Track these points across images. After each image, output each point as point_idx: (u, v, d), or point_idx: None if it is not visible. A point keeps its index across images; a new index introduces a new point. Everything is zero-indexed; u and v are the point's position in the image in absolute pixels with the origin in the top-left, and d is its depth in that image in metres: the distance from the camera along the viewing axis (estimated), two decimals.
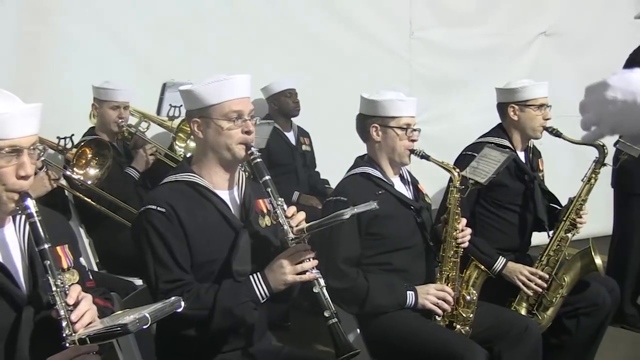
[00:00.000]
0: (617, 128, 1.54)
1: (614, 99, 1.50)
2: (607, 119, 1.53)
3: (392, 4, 5.86)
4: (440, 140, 5.56)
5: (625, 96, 1.49)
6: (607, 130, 1.55)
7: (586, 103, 1.58)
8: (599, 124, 1.56)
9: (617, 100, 1.49)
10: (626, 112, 1.49)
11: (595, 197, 3.85)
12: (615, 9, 6.59)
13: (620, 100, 1.49)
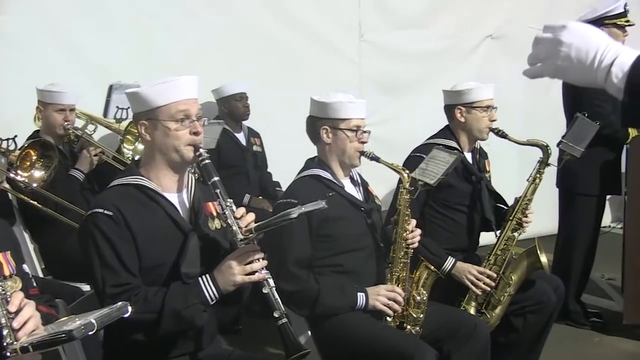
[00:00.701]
0: (559, 73, 1.55)
1: (569, 43, 1.51)
2: (554, 60, 1.53)
3: (342, 7, 5.88)
4: (389, 142, 5.59)
5: (578, 45, 1.49)
6: (549, 71, 1.56)
7: (542, 37, 1.58)
8: (545, 62, 1.56)
9: (572, 45, 1.50)
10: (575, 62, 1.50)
11: (540, 197, 3.92)
12: (558, 14, 6.72)
13: (574, 47, 1.50)
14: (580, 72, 1.49)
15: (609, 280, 5.56)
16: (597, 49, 1.46)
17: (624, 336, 4.54)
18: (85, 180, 4.38)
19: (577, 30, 1.50)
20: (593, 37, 1.49)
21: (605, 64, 1.45)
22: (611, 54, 1.45)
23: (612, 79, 1.43)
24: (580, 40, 1.49)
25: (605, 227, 5.84)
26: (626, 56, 1.43)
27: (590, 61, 1.47)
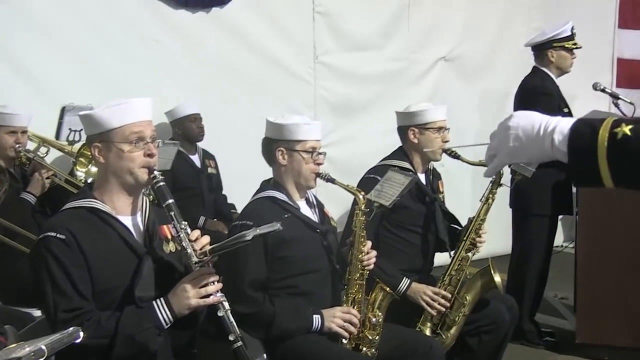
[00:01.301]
0: (514, 156, 1.66)
1: (516, 126, 1.62)
2: (505, 146, 1.64)
3: (296, 29, 5.91)
4: (344, 163, 5.63)
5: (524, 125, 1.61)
6: (505, 158, 1.67)
7: (493, 133, 1.71)
8: (499, 151, 1.67)
9: (519, 127, 1.62)
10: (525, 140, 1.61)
11: (494, 217, 3.97)
12: (508, 36, 6.86)
13: (521, 127, 1.62)
14: (531, 147, 1.61)
15: (561, 300, 5.64)
16: (540, 123, 1.59)
17: (577, 355, 4.60)
18: (37, 203, 4.30)
19: (521, 114, 1.64)
20: (535, 115, 1.62)
21: (549, 132, 1.57)
22: (552, 123, 1.57)
23: (556, 145, 1.54)
24: (525, 120, 1.62)
25: (558, 246, 5.92)
26: (565, 122, 1.56)
27: (536, 133, 1.59)
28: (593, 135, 1.48)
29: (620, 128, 1.45)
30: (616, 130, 1.46)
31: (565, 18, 5.27)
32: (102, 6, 5.03)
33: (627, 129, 1.44)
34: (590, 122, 1.54)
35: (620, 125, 1.46)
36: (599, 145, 1.46)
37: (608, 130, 1.47)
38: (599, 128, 1.48)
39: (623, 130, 1.44)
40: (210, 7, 5.48)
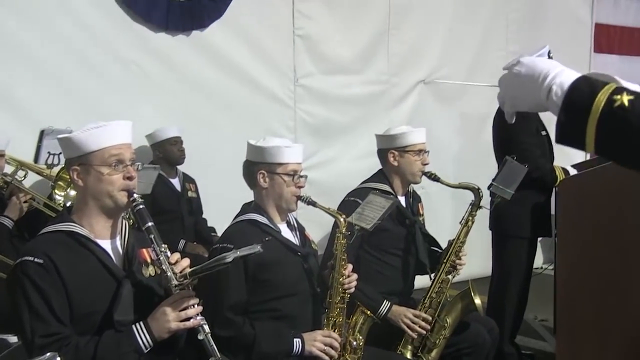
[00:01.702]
0: (514, 100, 1.63)
1: (518, 72, 1.58)
2: (509, 91, 1.63)
3: (277, 52, 5.94)
4: (324, 186, 5.64)
5: (528, 71, 1.57)
6: (509, 105, 1.65)
7: (501, 78, 1.67)
8: (504, 97, 1.65)
9: (521, 73, 1.58)
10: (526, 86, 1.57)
11: (473, 240, 3.99)
12: (486, 60, 6.93)
13: (523, 74, 1.57)
14: (529, 96, 1.57)
15: (541, 322, 5.65)
16: (541, 72, 1.54)
17: None
18: (14, 227, 4.26)
19: (527, 61, 1.59)
20: (541, 63, 1.57)
21: (548, 82, 1.52)
22: (553, 73, 1.52)
23: (552, 96, 1.50)
24: (528, 66, 1.58)
25: (537, 268, 5.94)
26: (566, 76, 1.51)
27: (536, 80, 1.54)
28: (591, 97, 1.44)
29: (620, 96, 1.42)
30: (615, 97, 1.42)
31: (542, 42, 5.35)
32: (81, 29, 5.03)
33: (627, 99, 1.41)
34: (592, 82, 1.50)
35: (621, 93, 1.43)
36: (594, 108, 1.43)
37: (607, 95, 1.43)
38: (598, 90, 1.45)
39: (622, 100, 1.41)
40: (190, 30, 5.50)
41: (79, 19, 5.03)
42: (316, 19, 6.08)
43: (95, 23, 5.10)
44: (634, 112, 1.39)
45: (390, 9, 6.45)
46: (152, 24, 5.32)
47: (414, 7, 6.58)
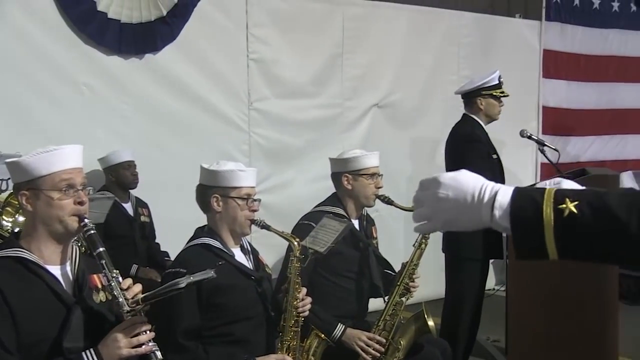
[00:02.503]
0: (449, 224, 1.59)
1: (446, 196, 1.55)
2: (440, 215, 1.58)
3: (231, 75, 5.94)
4: (278, 210, 5.64)
5: (456, 194, 1.54)
6: (439, 225, 1.60)
7: (420, 197, 1.62)
8: (432, 218, 1.60)
9: (449, 198, 1.55)
10: (459, 210, 1.55)
11: (427, 262, 4.02)
12: (439, 84, 7.03)
13: (452, 199, 1.55)
14: (467, 220, 1.55)
15: (494, 342, 5.70)
16: (473, 192, 1.53)
17: None
18: None
19: (450, 183, 1.56)
20: (466, 184, 1.55)
21: (486, 204, 1.51)
22: (487, 193, 1.52)
23: (496, 220, 1.49)
24: (457, 191, 1.55)
25: (490, 290, 6.02)
26: (502, 194, 1.50)
27: (470, 205, 1.53)
28: (537, 213, 1.44)
29: (566, 205, 1.43)
30: (561, 207, 1.43)
31: (493, 67, 5.45)
32: (31, 51, 4.98)
33: (572, 206, 1.42)
34: (530, 194, 1.49)
35: (564, 201, 1.44)
36: (545, 224, 1.43)
37: (552, 207, 1.44)
38: (541, 204, 1.45)
39: (569, 208, 1.42)
40: (142, 53, 5.47)
41: (29, 41, 4.97)
42: (270, 43, 6.10)
43: (45, 45, 5.04)
44: (585, 218, 1.41)
45: (344, 34, 6.51)
46: (104, 47, 5.28)
47: (367, 32, 6.65)
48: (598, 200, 1.43)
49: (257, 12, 6.00)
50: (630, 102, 8.18)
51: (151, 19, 5.42)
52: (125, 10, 5.30)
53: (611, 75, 8.08)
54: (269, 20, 6.08)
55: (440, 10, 7.22)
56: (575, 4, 7.86)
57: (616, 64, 8.11)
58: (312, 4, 6.37)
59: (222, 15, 5.85)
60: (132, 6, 5.33)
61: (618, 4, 8.12)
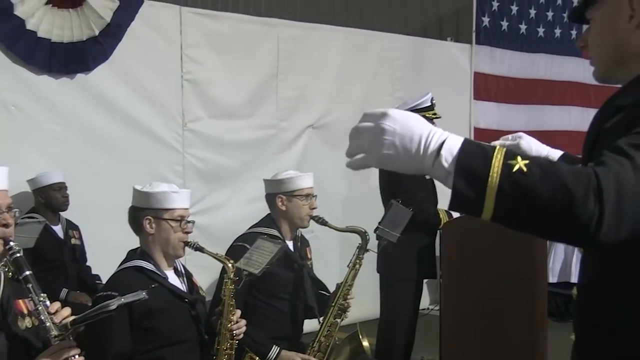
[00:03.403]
0: (385, 162, 1.48)
1: (392, 129, 1.46)
2: (379, 149, 1.47)
3: (165, 96, 5.89)
4: (213, 231, 5.60)
5: (403, 130, 1.46)
6: (375, 160, 1.49)
7: (361, 128, 1.51)
8: (369, 151, 1.49)
9: (396, 132, 1.46)
10: (402, 147, 1.46)
11: (361, 282, 4.04)
12: (373, 105, 7.05)
13: (398, 133, 1.45)
14: (406, 160, 1.46)
15: None
16: (421, 136, 1.45)
17: None
18: None
19: (400, 118, 1.47)
20: (415, 124, 1.47)
21: (432, 149, 1.43)
22: (436, 139, 1.44)
23: (441, 163, 1.42)
24: (404, 128, 1.46)
25: (424, 309, 6.07)
26: (453, 140, 1.44)
27: (416, 148, 1.45)
28: (485, 163, 1.38)
29: (516, 161, 1.37)
30: (511, 162, 1.38)
31: (426, 89, 5.55)
32: None
33: (523, 163, 1.37)
34: (482, 145, 1.44)
35: (515, 157, 1.38)
36: (491, 174, 1.37)
37: (502, 160, 1.38)
38: (492, 155, 1.39)
39: (519, 164, 1.37)
40: (74, 73, 5.39)
41: None
42: (205, 63, 6.08)
43: None
44: (534, 176, 1.36)
45: (279, 55, 6.54)
46: (34, 66, 5.19)
47: (302, 53, 6.69)
48: (549, 165, 1.40)
49: (192, 32, 5.98)
50: (557, 124, 8.43)
51: (83, 39, 5.35)
52: (55, 29, 5.22)
53: (538, 98, 8.32)
54: (203, 41, 6.06)
55: (374, 33, 7.32)
56: (504, 28, 8.07)
57: (543, 87, 8.36)
58: (247, 25, 6.39)
59: (156, 35, 5.81)
60: (63, 25, 5.25)
61: (543, 29, 8.39)
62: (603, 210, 1.35)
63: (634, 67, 1.68)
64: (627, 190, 1.37)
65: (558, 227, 1.39)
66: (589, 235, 1.37)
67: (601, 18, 1.72)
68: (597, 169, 1.38)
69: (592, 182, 1.36)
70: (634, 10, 1.66)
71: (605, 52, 1.73)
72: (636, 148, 1.42)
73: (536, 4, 8.33)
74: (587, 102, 8.58)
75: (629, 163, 1.39)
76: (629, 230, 1.39)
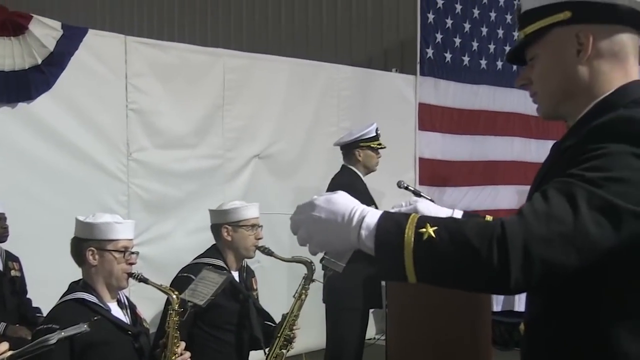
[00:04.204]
0: (324, 245, 1.64)
1: (319, 217, 1.60)
2: (315, 237, 1.63)
3: (109, 125, 5.83)
4: (158, 262, 5.53)
5: (328, 216, 1.60)
6: (316, 247, 1.65)
7: (297, 221, 1.67)
8: (309, 241, 1.65)
9: (322, 219, 1.60)
10: (331, 231, 1.60)
11: (307, 313, 4.04)
12: (319, 136, 7.15)
13: (324, 219, 1.60)
14: (339, 240, 1.61)
15: None
16: (344, 217, 1.59)
17: None
18: None
19: (324, 205, 1.62)
20: (338, 206, 1.61)
21: (354, 226, 1.57)
22: (356, 218, 1.57)
23: (362, 239, 1.55)
24: (329, 213, 1.61)
25: (370, 339, 6.09)
26: (371, 215, 1.56)
27: (342, 229, 1.59)
28: (399, 233, 1.50)
29: (426, 229, 1.49)
30: (421, 230, 1.49)
31: (371, 119, 5.62)
32: None
33: (432, 230, 1.48)
34: (396, 217, 1.56)
35: (425, 225, 1.50)
36: (406, 244, 1.49)
37: (414, 230, 1.50)
38: (405, 226, 1.51)
39: (428, 232, 1.48)
40: (16, 102, 5.30)
41: None
42: (150, 93, 6.05)
43: None
44: (443, 241, 1.47)
45: (225, 85, 6.55)
46: None
47: (248, 83, 6.71)
48: (455, 227, 1.50)
49: (137, 61, 5.95)
50: (500, 154, 8.59)
51: (25, 67, 5.27)
52: None
53: (482, 129, 8.46)
54: (149, 70, 6.04)
55: (320, 64, 7.40)
56: (447, 60, 8.23)
57: (486, 117, 8.52)
58: (192, 55, 6.39)
59: (101, 64, 5.76)
60: (4, 54, 5.17)
61: (486, 62, 8.57)
62: (509, 262, 1.43)
63: (582, 102, 1.71)
64: (535, 237, 1.44)
65: (472, 282, 1.51)
66: (500, 286, 1.48)
67: (546, 54, 1.74)
68: (507, 220, 1.47)
69: (495, 236, 1.45)
70: (581, 45, 1.68)
71: (553, 88, 1.75)
72: (559, 192, 1.48)
73: (478, 37, 8.52)
74: (528, 133, 8.78)
75: (546, 209, 1.46)
76: (542, 274, 1.45)
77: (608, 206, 1.45)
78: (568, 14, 1.68)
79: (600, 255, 1.47)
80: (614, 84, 1.69)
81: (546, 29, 1.71)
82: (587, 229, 1.43)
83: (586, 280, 1.54)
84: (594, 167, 1.49)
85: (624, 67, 1.70)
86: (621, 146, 1.50)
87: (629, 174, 1.47)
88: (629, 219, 1.46)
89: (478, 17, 8.50)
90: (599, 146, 1.52)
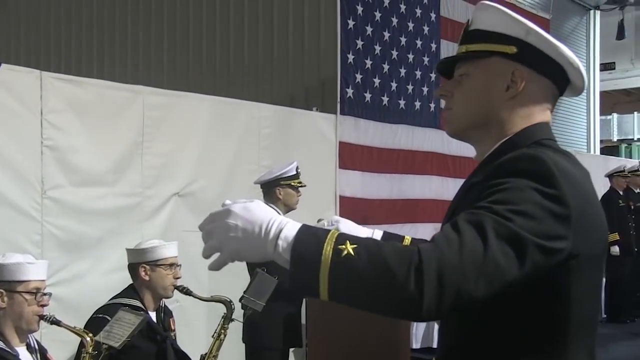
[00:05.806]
0: (237, 254, 1.61)
1: (235, 225, 1.58)
2: (228, 245, 1.60)
3: (22, 162, 5.65)
4: (73, 303, 5.36)
5: (245, 224, 1.58)
6: (228, 256, 1.62)
7: (209, 228, 1.64)
8: (221, 249, 1.62)
9: (238, 227, 1.58)
10: (246, 240, 1.58)
11: (227, 353, 3.99)
12: (240, 173, 7.13)
13: (240, 228, 1.58)
14: (253, 249, 1.58)
15: None
16: (261, 225, 1.57)
17: None
18: None
19: (240, 212, 1.59)
20: (256, 215, 1.59)
21: (271, 238, 1.55)
22: (275, 228, 1.56)
23: (279, 250, 1.54)
24: (245, 221, 1.58)
25: None
26: (289, 228, 1.56)
27: (258, 238, 1.57)
28: (318, 248, 1.50)
29: (345, 246, 1.48)
30: (340, 247, 1.49)
31: (292, 157, 5.64)
32: None
33: (351, 248, 1.48)
34: (315, 232, 1.55)
35: (345, 242, 1.49)
36: (323, 260, 1.48)
37: (332, 246, 1.49)
38: (324, 241, 1.50)
39: (348, 249, 1.48)
40: None
41: None
42: (67, 129, 5.91)
43: None
44: (361, 260, 1.47)
45: (145, 122, 6.46)
46: None
47: (169, 120, 6.64)
48: (374, 248, 1.50)
49: (53, 97, 5.81)
50: (418, 193, 8.73)
51: None
52: None
53: (400, 167, 8.60)
54: (65, 106, 5.90)
55: (241, 102, 7.40)
56: (367, 100, 8.36)
57: (404, 157, 8.67)
58: (111, 91, 6.29)
59: (14, 100, 5.60)
60: None
61: (404, 102, 8.75)
62: (423, 291, 1.45)
63: (492, 133, 1.78)
64: (448, 268, 1.47)
65: (385, 304, 1.51)
66: (411, 311, 1.48)
67: (479, 78, 1.78)
68: (423, 247, 1.49)
69: (413, 262, 1.46)
70: (514, 82, 1.75)
71: (473, 110, 1.80)
72: (469, 222, 1.52)
73: (397, 78, 8.69)
74: (446, 172, 8.98)
75: (457, 238, 1.49)
76: (453, 302, 1.47)
77: (514, 236, 1.49)
78: (514, 49, 1.73)
79: (506, 286, 1.50)
80: (524, 126, 1.75)
81: (488, 54, 1.76)
82: (496, 259, 1.47)
83: (493, 313, 1.58)
84: (499, 200, 1.55)
85: (538, 113, 1.77)
86: (524, 181, 1.56)
87: (531, 207, 1.53)
88: (533, 251, 1.51)
89: (397, 58, 8.68)
90: (504, 181, 1.59)
